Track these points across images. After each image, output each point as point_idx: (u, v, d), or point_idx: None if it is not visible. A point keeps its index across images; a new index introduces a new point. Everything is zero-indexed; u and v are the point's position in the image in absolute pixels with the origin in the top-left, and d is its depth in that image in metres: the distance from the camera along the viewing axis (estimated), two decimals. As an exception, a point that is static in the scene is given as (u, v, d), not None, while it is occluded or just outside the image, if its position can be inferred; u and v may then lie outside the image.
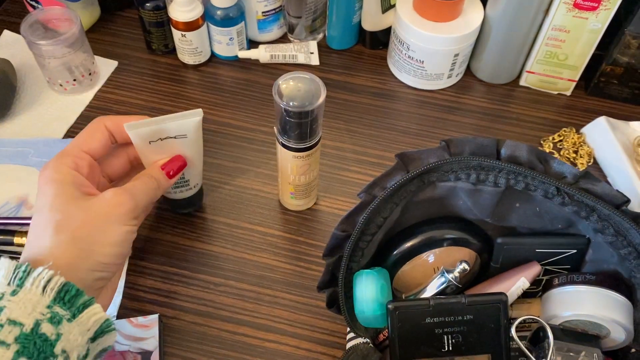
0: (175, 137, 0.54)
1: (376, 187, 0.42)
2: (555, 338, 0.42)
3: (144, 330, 0.55)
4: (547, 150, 0.71)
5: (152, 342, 0.55)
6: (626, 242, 0.40)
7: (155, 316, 0.56)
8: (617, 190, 0.40)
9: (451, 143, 0.41)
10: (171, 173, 0.54)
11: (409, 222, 0.47)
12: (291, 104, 0.52)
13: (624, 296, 0.43)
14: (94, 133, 0.50)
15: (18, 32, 0.72)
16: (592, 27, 0.68)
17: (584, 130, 0.72)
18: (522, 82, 0.78)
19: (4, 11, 0.84)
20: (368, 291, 0.43)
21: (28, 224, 0.61)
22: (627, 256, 0.41)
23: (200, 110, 0.54)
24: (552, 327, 0.43)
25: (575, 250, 0.46)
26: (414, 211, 0.44)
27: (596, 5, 0.66)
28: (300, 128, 0.53)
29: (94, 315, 0.40)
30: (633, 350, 0.44)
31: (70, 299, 0.39)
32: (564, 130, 0.73)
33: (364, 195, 0.42)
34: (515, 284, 0.46)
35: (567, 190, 0.40)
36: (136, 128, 0.52)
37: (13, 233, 0.60)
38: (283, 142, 0.56)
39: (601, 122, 0.70)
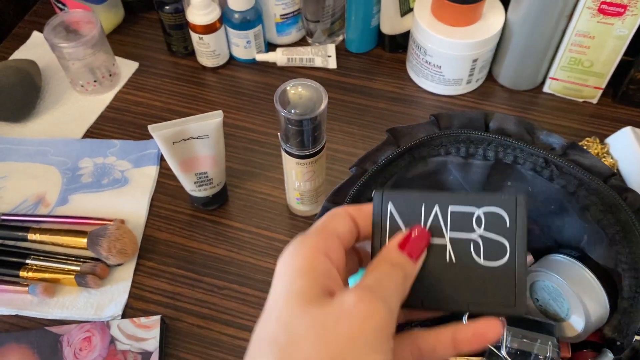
0: (197, 138, 0.57)
1: (367, 161, 0.42)
2: (512, 324, 0.42)
3: (146, 331, 0.56)
4: (568, 161, 0.68)
5: (152, 343, 0.56)
6: (614, 220, 0.38)
7: (158, 317, 0.57)
8: (603, 164, 0.38)
9: (440, 118, 0.41)
10: (414, 255, 0.33)
11: None
12: (292, 111, 0.51)
13: (604, 286, 0.42)
14: (336, 217, 0.35)
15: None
16: (618, 34, 0.65)
17: (608, 140, 0.69)
18: (545, 89, 0.75)
19: (34, 12, 0.87)
20: None
21: (42, 222, 0.64)
22: (614, 236, 0.38)
23: (220, 111, 0.58)
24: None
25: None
26: (406, 187, 0.45)
27: (622, 10, 0.62)
28: (301, 135, 0.53)
29: None
30: (618, 343, 0.43)
31: None
32: (587, 140, 0.69)
33: (355, 168, 0.42)
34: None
35: (555, 161, 0.39)
36: (159, 130, 0.55)
37: (28, 230, 0.62)
38: (286, 148, 0.55)
39: (627, 132, 0.67)
